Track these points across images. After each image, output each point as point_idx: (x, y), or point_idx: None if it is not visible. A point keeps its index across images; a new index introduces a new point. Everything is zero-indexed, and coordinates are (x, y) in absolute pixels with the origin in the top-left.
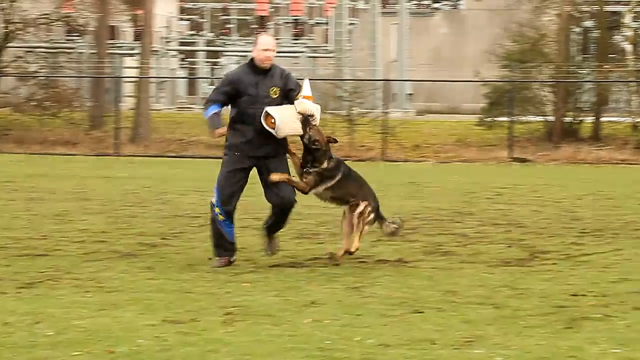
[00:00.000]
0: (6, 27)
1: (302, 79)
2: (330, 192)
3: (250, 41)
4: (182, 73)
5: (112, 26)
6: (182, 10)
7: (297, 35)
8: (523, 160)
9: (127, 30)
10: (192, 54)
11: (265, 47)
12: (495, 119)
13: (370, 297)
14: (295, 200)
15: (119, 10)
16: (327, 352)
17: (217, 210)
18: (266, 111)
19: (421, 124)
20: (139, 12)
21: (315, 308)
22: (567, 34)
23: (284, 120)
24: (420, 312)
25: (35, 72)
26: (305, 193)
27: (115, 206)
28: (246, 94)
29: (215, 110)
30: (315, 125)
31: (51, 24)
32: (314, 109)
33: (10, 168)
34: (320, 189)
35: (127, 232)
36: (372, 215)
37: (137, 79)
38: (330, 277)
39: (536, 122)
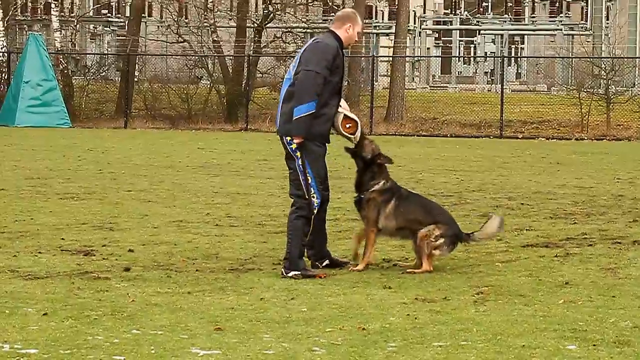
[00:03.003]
0: (266, 8)
1: None
2: (394, 221)
3: (504, 19)
4: (436, 52)
5: (369, 5)
6: None
7: (553, 13)
8: None
9: (383, 10)
10: (446, 32)
11: (362, 28)
12: None
13: (626, 279)
14: None
15: None
16: (580, 333)
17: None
18: (345, 114)
19: None
20: None
21: (568, 289)
22: None
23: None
24: None
25: (294, 52)
26: (377, 231)
27: None
28: (340, 70)
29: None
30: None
31: (309, 4)
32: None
33: (266, 146)
34: (382, 221)
35: None
36: (440, 240)
37: (391, 58)
38: (584, 258)
39: None
